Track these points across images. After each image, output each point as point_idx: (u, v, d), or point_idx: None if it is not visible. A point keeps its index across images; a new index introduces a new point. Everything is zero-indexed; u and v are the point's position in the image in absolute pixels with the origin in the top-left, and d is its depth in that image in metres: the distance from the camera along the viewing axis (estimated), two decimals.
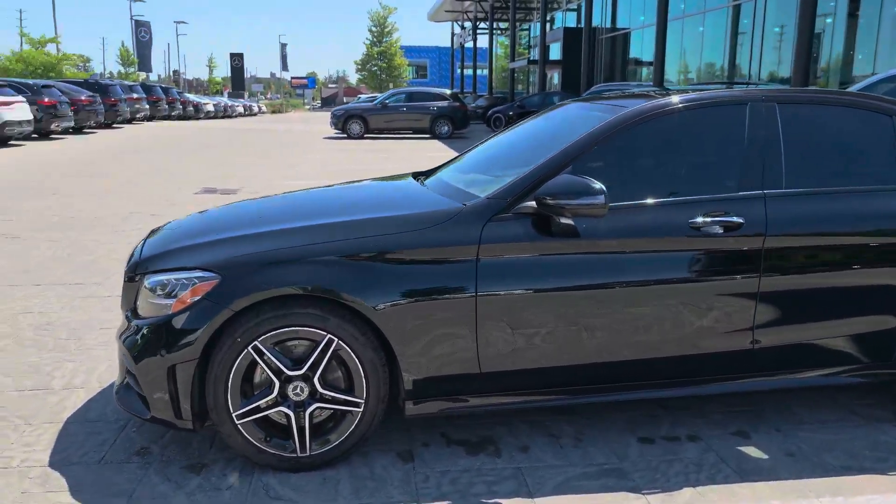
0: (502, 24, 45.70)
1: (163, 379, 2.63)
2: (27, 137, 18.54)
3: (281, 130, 28.26)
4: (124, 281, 2.91)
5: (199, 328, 2.58)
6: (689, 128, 3.05)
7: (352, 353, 2.66)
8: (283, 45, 79.54)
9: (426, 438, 3.02)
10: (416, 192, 3.34)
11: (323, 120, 25.16)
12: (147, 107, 29.92)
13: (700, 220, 2.82)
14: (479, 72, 50.50)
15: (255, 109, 53.48)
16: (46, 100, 19.21)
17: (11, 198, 9.50)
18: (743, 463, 2.85)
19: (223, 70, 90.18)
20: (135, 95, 28.51)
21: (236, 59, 67.14)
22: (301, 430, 2.68)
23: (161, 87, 35.32)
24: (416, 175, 3.77)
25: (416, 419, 3.00)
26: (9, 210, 8.57)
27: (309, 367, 2.65)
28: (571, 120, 3.31)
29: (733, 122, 3.00)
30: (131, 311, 2.83)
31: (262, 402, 2.67)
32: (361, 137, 22.77)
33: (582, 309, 2.77)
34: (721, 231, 2.84)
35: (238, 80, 68.39)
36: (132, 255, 3.02)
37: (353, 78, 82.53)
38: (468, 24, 48.89)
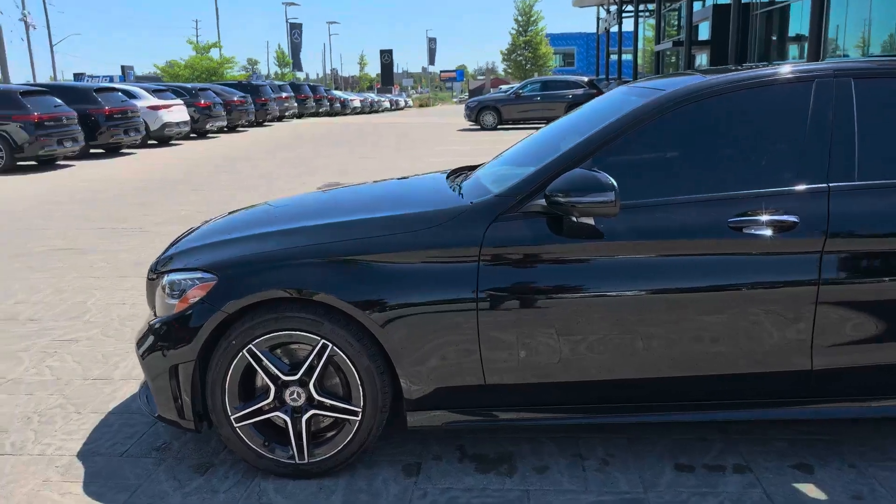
0: (650, 6, 43.64)
1: (166, 378, 2.65)
2: (185, 137, 20.22)
3: (419, 124, 28.78)
4: (147, 280, 2.98)
5: (197, 329, 2.58)
6: (735, 113, 2.62)
7: (346, 360, 2.55)
8: (431, 40, 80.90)
9: (441, 451, 2.85)
10: (434, 189, 3.15)
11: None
12: (295, 105, 31.61)
13: (741, 219, 2.43)
14: (626, 57, 48.63)
15: (402, 104, 54.97)
16: (202, 102, 20.86)
17: (157, 192, 10.35)
18: (793, 503, 2.43)
19: (376, 67, 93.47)
20: (284, 95, 30.20)
21: (385, 56, 69.24)
22: (298, 435, 2.61)
23: (309, 86, 37.16)
24: (462, 169, 3.58)
25: (435, 431, 2.85)
26: (152, 204, 9.33)
27: (304, 373, 2.58)
28: (610, 106, 2.98)
29: (792, 103, 2.56)
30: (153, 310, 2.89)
31: (259, 407, 2.62)
32: (494, 128, 22.65)
33: (596, 320, 2.48)
34: (769, 232, 2.43)
35: (387, 76, 70.51)
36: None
37: (501, 69, 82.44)
38: (613, 8, 47.21)
